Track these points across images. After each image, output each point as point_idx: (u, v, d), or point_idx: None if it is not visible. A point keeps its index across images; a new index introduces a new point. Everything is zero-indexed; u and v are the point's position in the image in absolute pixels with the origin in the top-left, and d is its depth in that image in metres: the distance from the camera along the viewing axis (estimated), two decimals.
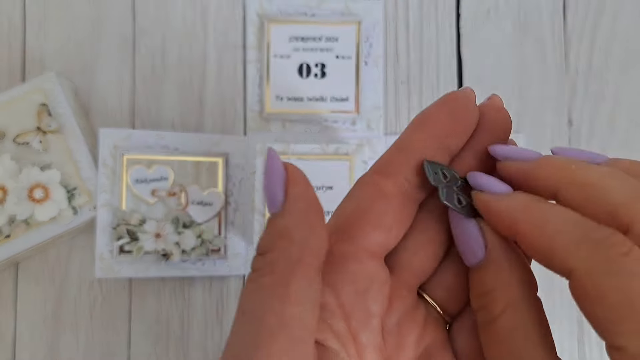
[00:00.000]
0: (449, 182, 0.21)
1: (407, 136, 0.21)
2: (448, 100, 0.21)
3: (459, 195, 0.21)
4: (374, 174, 0.21)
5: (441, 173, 0.21)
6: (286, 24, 0.49)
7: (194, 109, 0.50)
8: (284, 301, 0.18)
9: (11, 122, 0.46)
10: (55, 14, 0.50)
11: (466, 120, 0.21)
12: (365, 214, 0.20)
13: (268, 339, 0.17)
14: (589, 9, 0.51)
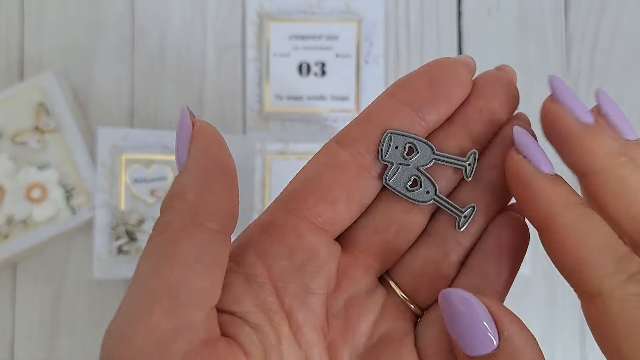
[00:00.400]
0: (413, 159, 0.19)
1: (377, 102, 0.19)
2: (431, 66, 0.19)
3: (419, 178, 0.19)
4: (333, 142, 0.19)
5: (407, 148, 0.19)
6: (286, 22, 0.49)
7: (193, 108, 0.50)
8: (171, 262, 0.16)
9: (9, 121, 0.46)
10: (54, 13, 0.50)
11: (449, 90, 0.19)
12: (312, 184, 0.19)
13: (150, 303, 0.16)
14: (591, 7, 0.51)
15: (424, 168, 0.19)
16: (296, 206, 0.19)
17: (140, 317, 0.16)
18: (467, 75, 0.19)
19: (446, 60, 0.19)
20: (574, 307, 0.48)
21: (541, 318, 0.48)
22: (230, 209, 0.18)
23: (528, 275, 0.47)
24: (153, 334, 0.16)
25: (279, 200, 0.19)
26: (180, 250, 0.16)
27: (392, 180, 0.19)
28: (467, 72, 0.19)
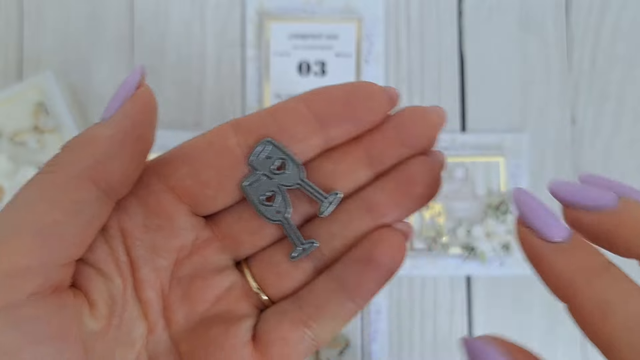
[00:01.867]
0: (279, 175, 0.19)
1: (288, 102, 0.19)
2: (353, 85, 0.19)
3: (278, 195, 0.19)
4: (230, 124, 0.20)
5: (279, 163, 0.19)
6: (286, 21, 0.49)
7: (192, 108, 0.49)
8: (52, 205, 0.17)
9: (8, 121, 0.46)
10: (53, 12, 0.50)
11: (361, 111, 0.19)
12: (191, 158, 0.19)
13: (15, 234, 0.16)
14: (593, 6, 0.50)
15: (287, 189, 0.19)
16: (168, 173, 0.19)
17: (0, 242, 0.16)
18: (384, 103, 0.19)
19: (370, 84, 0.19)
20: None
21: (543, 318, 0.48)
22: (125, 178, 0.18)
23: (529, 275, 0.46)
24: (4, 264, 0.16)
25: (156, 160, 0.20)
26: (64, 198, 0.17)
27: (250, 187, 0.19)
28: (386, 101, 0.19)
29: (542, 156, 0.49)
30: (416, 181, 0.19)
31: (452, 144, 0.48)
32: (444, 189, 0.47)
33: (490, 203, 0.47)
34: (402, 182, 0.19)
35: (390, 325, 0.47)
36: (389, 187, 0.19)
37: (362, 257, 0.19)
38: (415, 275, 0.47)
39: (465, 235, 0.47)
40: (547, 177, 0.49)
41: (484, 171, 0.47)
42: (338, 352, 0.45)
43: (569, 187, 0.18)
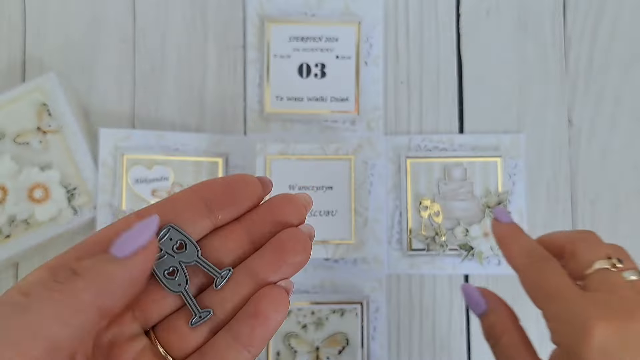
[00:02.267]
0: (180, 253, 0.22)
1: (181, 193, 0.23)
2: (233, 176, 0.24)
3: (179, 270, 0.22)
4: (135, 212, 0.23)
5: (178, 243, 0.22)
6: (286, 24, 0.49)
7: (194, 109, 0.50)
8: (46, 317, 0.20)
9: (11, 122, 0.47)
10: (55, 15, 0.50)
11: (240, 198, 0.23)
12: (98, 246, 0.22)
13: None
14: (590, 8, 0.51)
15: (186, 265, 0.23)
16: (83, 256, 0.22)
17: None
18: (259, 190, 0.24)
19: (247, 176, 0.24)
20: None
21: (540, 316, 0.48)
22: (121, 307, 0.22)
23: None
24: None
25: (74, 247, 0.23)
26: (75, 321, 0.20)
27: (156, 264, 0.22)
28: (261, 189, 0.24)
29: (539, 156, 0.49)
30: (287, 249, 0.23)
31: (450, 145, 0.49)
32: (443, 189, 0.48)
33: (488, 203, 0.47)
34: (276, 250, 0.23)
35: (389, 324, 0.47)
36: (267, 256, 0.23)
37: (251, 312, 0.22)
38: (414, 274, 0.48)
39: (463, 234, 0.47)
40: (544, 177, 0.49)
41: (482, 171, 0.48)
42: (338, 350, 0.46)
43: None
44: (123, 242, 0.21)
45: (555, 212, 0.49)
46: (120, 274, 0.21)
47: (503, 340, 0.32)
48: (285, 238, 0.23)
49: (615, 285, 0.29)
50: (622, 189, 0.49)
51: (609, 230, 0.49)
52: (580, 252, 0.31)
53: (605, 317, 0.27)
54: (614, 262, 0.30)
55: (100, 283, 0.20)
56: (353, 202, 0.46)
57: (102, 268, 0.21)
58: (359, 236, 0.46)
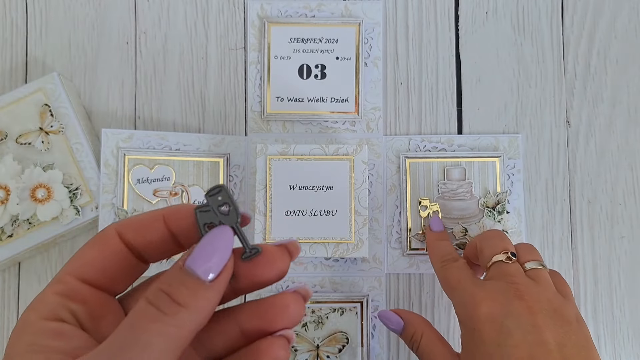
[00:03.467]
0: (223, 214, 0.23)
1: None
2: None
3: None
4: (114, 229, 0.24)
5: (224, 205, 0.23)
6: (286, 25, 0.50)
7: (195, 110, 0.50)
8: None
9: (14, 122, 0.47)
10: (57, 15, 0.51)
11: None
12: (81, 253, 0.23)
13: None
14: (587, 10, 0.51)
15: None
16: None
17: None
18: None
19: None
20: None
21: None
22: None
23: None
24: None
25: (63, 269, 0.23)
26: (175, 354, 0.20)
27: (200, 213, 0.23)
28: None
29: (537, 157, 0.50)
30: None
31: (449, 145, 0.49)
32: (442, 189, 0.48)
33: (486, 203, 0.48)
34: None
35: None
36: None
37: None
38: (414, 274, 0.48)
39: (462, 234, 0.47)
40: (542, 177, 0.50)
41: (481, 172, 0.48)
42: (338, 349, 0.46)
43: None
44: (208, 262, 0.21)
45: (553, 212, 0.49)
46: (215, 300, 0.21)
47: (422, 341, 0.39)
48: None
49: (506, 273, 0.36)
50: (619, 189, 0.50)
51: (606, 230, 0.49)
52: (484, 249, 0.39)
53: (489, 297, 0.35)
54: (508, 256, 0.38)
55: (202, 313, 0.20)
56: (353, 202, 0.46)
57: (202, 297, 0.20)
58: (359, 236, 0.46)
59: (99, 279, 0.23)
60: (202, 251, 0.21)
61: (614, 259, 0.49)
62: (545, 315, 0.34)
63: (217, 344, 0.23)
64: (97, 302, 0.23)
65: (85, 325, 0.22)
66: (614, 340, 0.48)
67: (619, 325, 0.48)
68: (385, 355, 0.47)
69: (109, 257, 0.23)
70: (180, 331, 0.20)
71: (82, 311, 0.22)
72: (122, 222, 0.24)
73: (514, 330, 0.33)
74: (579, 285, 0.49)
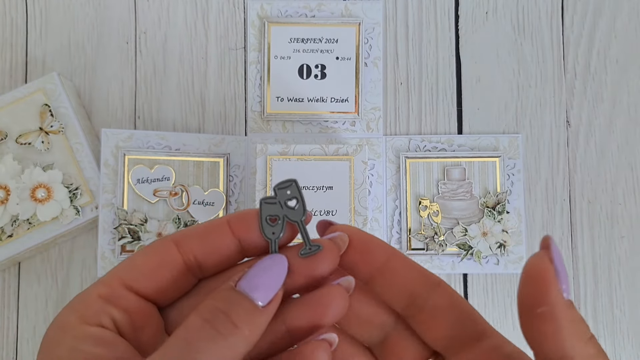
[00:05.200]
0: (289, 209, 0.23)
1: (216, 222, 0.24)
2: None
3: (279, 221, 0.23)
4: (171, 240, 0.23)
5: (292, 199, 0.23)
6: (286, 25, 0.50)
7: (195, 110, 0.50)
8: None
9: (14, 122, 0.47)
10: (57, 15, 0.51)
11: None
12: (137, 263, 0.23)
13: None
14: (587, 10, 0.51)
15: (288, 221, 0.23)
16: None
17: None
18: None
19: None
20: None
21: None
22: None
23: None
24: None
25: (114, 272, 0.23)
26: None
27: (264, 204, 0.23)
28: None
29: (537, 157, 0.50)
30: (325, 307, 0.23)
31: (449, 145, 0.49)
32: (442, 189, 0.48)
33: (486, 203, 0.48)
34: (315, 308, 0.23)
35: None
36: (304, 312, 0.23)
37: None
38: None
39: (462, 234, 0.47)
40: (542, 177, 0.50)
41: (481, 172, 0.48)
42: None
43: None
44: (263, 287, 0.21)
45: (553, 212, 0.49)
46: (265, 325, 0.21)
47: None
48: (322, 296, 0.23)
49: None
50: (619, 189, 0.50)
51: (606, 229, 0.49)
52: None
53: None
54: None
55: (255, 336, 0.20)
56: (353, 202, 0.46)
57: (255, 320, 0.20)
58: None
59: (147, 288, 0.23)
60: (257, 275, 0.21)
61: (614, 259, 0.49)
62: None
63: (262, 344, 0.23)
64: (140, 312, 0.23)
65: (125, 334, 0.22)
66: (613, 340, 0.48)
67: (618, 325, 0.48)
68: None
69: (163, 268, 0.23)
70: (232, 353, 0.20)
71: (124, 319, 0.22)
72: (183, 232, 0.24)
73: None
74: (579, 285, 0.49)
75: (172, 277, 0.23)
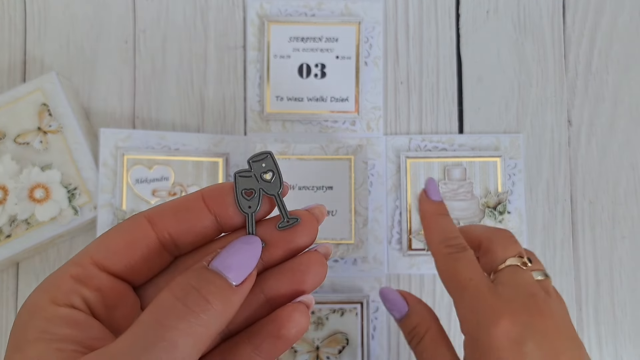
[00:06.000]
0: (265, 182, 0.23)
1: (190, 197, 0.23)
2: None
3: (256, 195, 0.23)
4: (144, 217, 0.23)
5: (267, 172, 0.23)
6: (286, 24, 0.49)
7: (194, 109, 0.50)
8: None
9: (12, 122, 0.47)
10: (56, 15, 0.51)
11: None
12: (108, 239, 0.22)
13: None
14: (589, 9, 0.51)
15: (265, 194, 0.23)
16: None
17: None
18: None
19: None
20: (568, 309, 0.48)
21: None
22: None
23: None
24: None
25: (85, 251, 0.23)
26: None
27: (240, 178, 0.23)
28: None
29: (538, 157, 0.50)
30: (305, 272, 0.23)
31: (450, 145, 0.49)
32: (443, 189, 0.48)
33: (487, 203, 0.48)
34: (295, 274, 0.23)
35: (389, 324, 0.48)
36: (284, 279, 0.23)
37: (274, 333, 0.22)
38: (414, 274, 0.48)
39: None
40: (543, 177, 0.49)
41: (482, 172, 0.48)
42: (338, 350, 0.46)
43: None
44: (236, 267, 0.21)
45: (554, 212, 0.49)
46: (238, 305, 0.20)
47: (426, 338, 0.34)
48: (303, 261, 0.23)
49: (524, 282, 0.32)
50: (620, 189, 0.49)
51: (608, 230, 0.49)
52: (496, 248, 0.34)
53: (510, 312, 0.30)
54: (524, 261, 0.33)
55: (228, 314, 0.20)
56: (353, 202, 0.46)
57: (229, 298, 0.20)
58: (359, 236, 0.46)
59: (120, 268, 0.22)
60: (230, 256, 0.21)
61: (615, 259, 0.49)
62: (562, 337, 0.31)
63: (240, 315, 0.23)
64: (113, 291, 0.22)
65: (98, 314, 0.22)
66: (615, 341, 0.48)
67: (620, 326, 0.48)
68: (385, 356, 0.47)
69: (136, 245, 0.22)
70: (206, 331, 0.19)
71: (96, 299, 0.22)
72: (156, 209, 0.23)
73: (535, 353, 0.29)
74: (580, 286, 0.48)
75: (145, 255, 0.22)
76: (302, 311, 0.23)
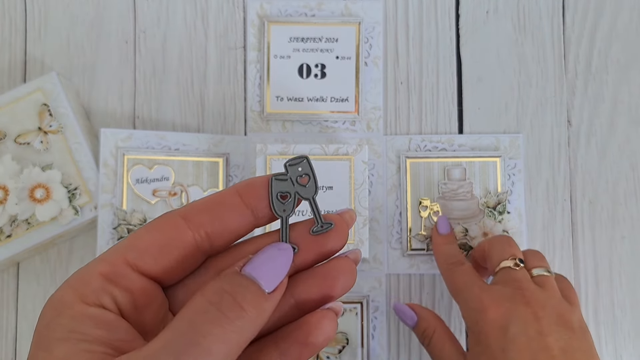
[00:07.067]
0: (301, 186, 0.23)
1: (224, 193, 0.23)
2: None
3: (290, 198, 0.23)
4: (178, 215, 0.22)
5: (303, 176, 0.23)
6: (286, 24, 0.49)
7: (194, 110, 0.50)
8: None
9: (12, 122, 0.47)
10: (56, 15, 0.51)
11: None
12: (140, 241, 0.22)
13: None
14: (588, 9, 0.51)
15: (299, 198, 0.23)
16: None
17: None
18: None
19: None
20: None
21: None
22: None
23: None
24: None
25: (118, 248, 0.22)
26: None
27: (275, 181, 0.23)
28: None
29: (538, 157, 0.50)
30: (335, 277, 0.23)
31: (449, 145, 0.49)
32: (442, 189, 0.48)
33: (487, 203, 0.48)
34: (325, 279, 0.23)
35: (389, 324, 0.48)
36: (314, 283, 0.23)
37: (301, 340, 0.22)
38: (414, 274, 0.48)
39: (463, 234, 0.47)
40: (543, 178, 0.50)
41: (481, 172, 0.48)
42: (338, 350, 0.46)
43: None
44: (269, 274, 0.21)
45: (554, 212, 0.49)
46: (271, 312, 0.20)
47: (434, 337, 0.41)
48: (332, 267, 0.23)
49: (513, 279, 0.38)
50: (620, 189, 0.49)
51: (608, 230, 0.49)
52: (492, 254, 0.40)
53: (496, 302, 0.37)
54: (516, 262, 0.39)
55: (262, 321, 0.20)
56: (353, 202, 0.46)
57: (262, 305, 0.20)
58: (359, 236, 0.46)
59: (153, 268, 0.21)
60: (262, 263, 0.21)
61: (615, 259, 0.49)
62: (550, 321, 0.35)
63: (271, 319, 0.22)
64: (143, 292, 0.21)
65: (127, 314, 0.21)
66: (615, 340, 0.48)
67: (620, 326, 0.48)
68: (385, 356, 0.47)
69: (172, 246, 0.21)
70: (239, 338, 0.19)
71: (126, 299, 0.21)
72: (190, 206, 0.22)
73: (519, 336, 0.35)
74: (580, 286, 0.48)
75: (181, 257, 0.22)
76: (331, 318, 0.22)
